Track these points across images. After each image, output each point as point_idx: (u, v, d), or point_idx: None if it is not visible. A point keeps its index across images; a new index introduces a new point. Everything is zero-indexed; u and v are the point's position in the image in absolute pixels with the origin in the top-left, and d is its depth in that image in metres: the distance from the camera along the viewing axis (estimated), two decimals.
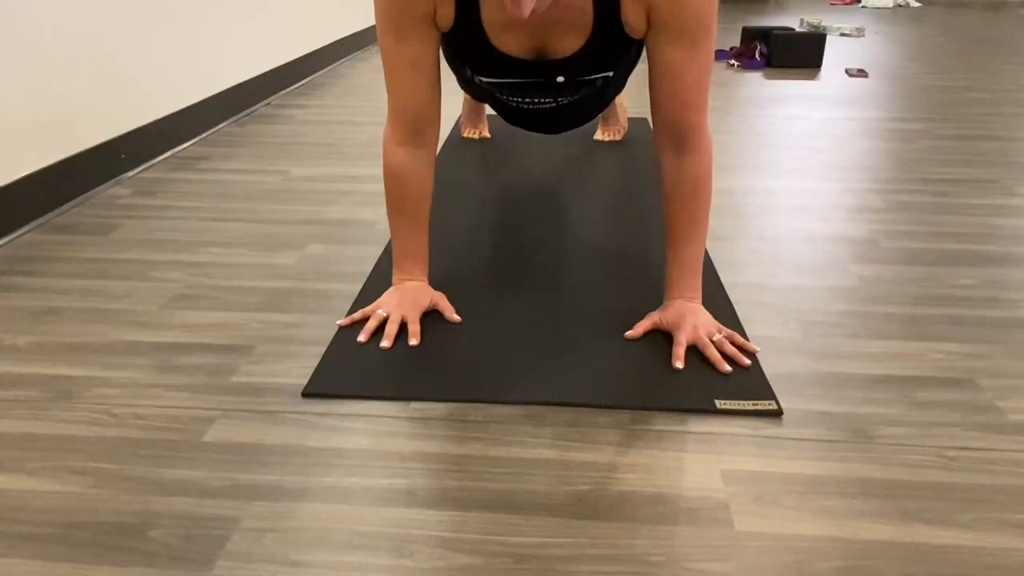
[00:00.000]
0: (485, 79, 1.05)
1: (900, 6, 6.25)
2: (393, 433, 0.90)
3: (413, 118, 1.04)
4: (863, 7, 6.23)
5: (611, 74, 1.05)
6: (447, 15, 0.94)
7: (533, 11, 0.79)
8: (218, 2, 2.27)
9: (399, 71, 1.00)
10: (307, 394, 0.97)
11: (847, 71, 3.21)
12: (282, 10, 2.76)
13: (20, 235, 1.48)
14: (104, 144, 1.73)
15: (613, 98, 1.40)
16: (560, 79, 1.03)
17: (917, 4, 6.36)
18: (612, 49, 0.98)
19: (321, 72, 3.17)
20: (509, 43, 0.97)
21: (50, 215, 1.57)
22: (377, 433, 0.90)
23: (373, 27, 3.85)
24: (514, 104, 1.13)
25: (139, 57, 1.88)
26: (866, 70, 3.22)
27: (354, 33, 3.58)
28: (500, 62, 0.99)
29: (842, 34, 4.44)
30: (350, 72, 3.23)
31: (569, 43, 0.96)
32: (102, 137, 1.73)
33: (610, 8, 0.91)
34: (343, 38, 3.43)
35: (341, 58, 3.45)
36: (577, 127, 1.49)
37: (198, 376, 1.02)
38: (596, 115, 1.41)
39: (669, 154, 1.03)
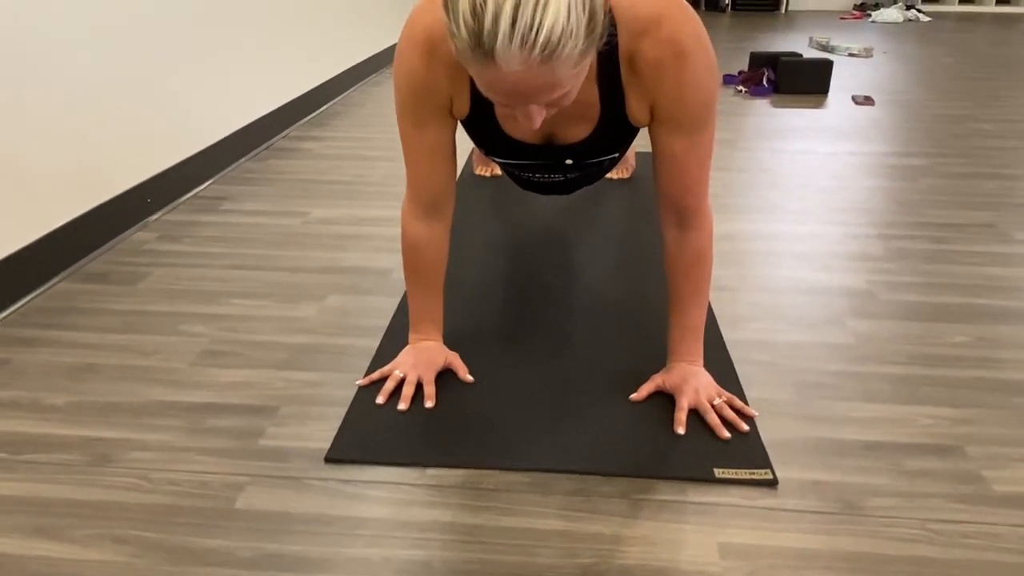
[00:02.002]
0: (498, 159, 1.12)
1: (910, 20, 6.27)
2: (411, 501, 0.96)
3: (431, 196, 1.11)
4: (873, 22, 6.26)
5: (617, 155, 1.12)
6: (463, 106, 1.00)
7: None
8: (235, 41, 2.34)
9: (418, 155, 1.06)
10: (330, 459, 1.04)
11: (854, 98, 3.26)
12: (297, 44, 2.83)
13: (54, 284, 1.55)
14: (131, 190, 1.81)
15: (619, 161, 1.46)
16: (569, 161, 1.10)
17: (927, 19, 6.38)
18: (618, 135, 1.04)
19: (336, 100, 3.24)
20: (520, 131, 1.03)
21: (81, 263, 1.64)
22: (396, 501, 0.96)
23: (384, 52, 3.93)
24: (525, 176, 1.19)
25: (161, 102, 1.95)
26: (872, 97, 3.26)
27: (366, 59, 3.65)
28: (512, 147, 1.05)
29: (850, 54, 4.47)
30: (364, 99, 3.30)
31: (577, 131, 1.02)
32: (129, 183, 1.81)
33: (615, 102, 0.97)
34: (355, 65, 3.50)
35: (356, 83, 3.52)
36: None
37: (227, 439, 1.08)
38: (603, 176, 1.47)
39: (672, 229, 1.09)
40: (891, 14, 6.29)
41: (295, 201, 2.04)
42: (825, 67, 3.39)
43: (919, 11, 6.51)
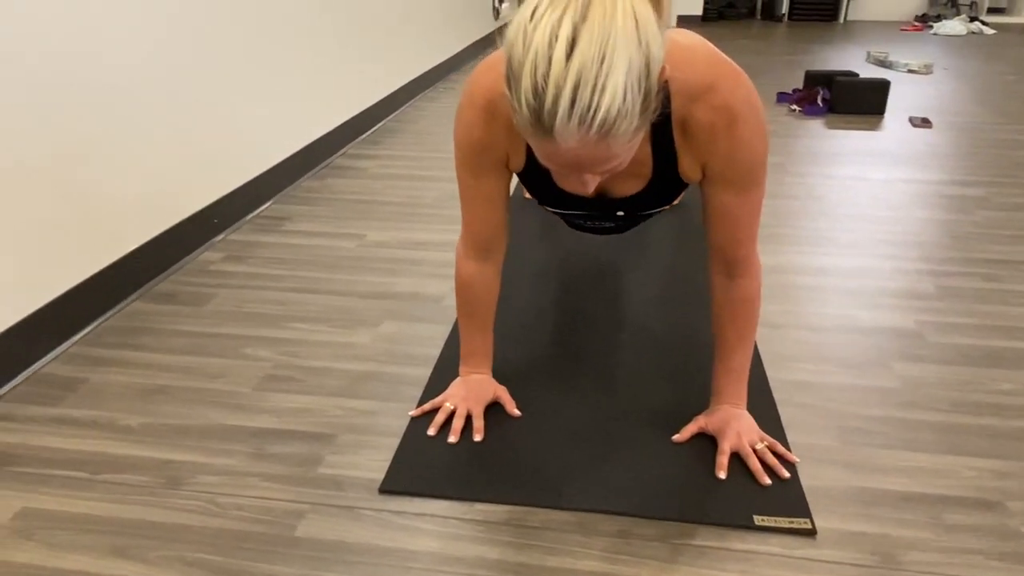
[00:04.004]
0: (550, 208, 1.16)
1: (973, 33, 6.12)
2: (459, 536, 1.01)
3: (484, 239, 1.15)
4: (934, 34, 6.13)
5: (668, 207, 1.15)
6: (518, 162, 1.05)
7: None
8: (295, 63, 2.43)
9: (474, 203, 1.11)
10: (384, 491, 1.09)
11: (911, 120, 3.21)
12: (354, 62, 2.91)
13: (127, 304, 1.64)
14: (199, 212, 1.90)
15: None
16: (620, 213, 1.13)
17: (991, 31, 6.22)
18: (669, 191, 1.07)
19: (391, 117, 3.32)
20: (573, 187, 1.07)
21: (152, 283, 1.73)
22: (445, 535, 1.01)
23: (436, 68, 4.00)
24: (577, 222, 1.23)
25: (225, 125, 2.04)
26: (930, 120, 3.21)
27: (419, 75, 3.73)
28: (565, 199, 1.09)
29: (909, 70, 4.40)
30: (418, 116, 3.37)
31: (629, 187, 1.06)
32: (198, 206, 1.90)
33: (668, 161, 1.00)
34: (409, 81, 3.58)
35: (410, 99, 3.60)
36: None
37: (289, 466, 1.15)
38: None
39: (720, 276, 1.12)
40: (953, 26, 6.14)
41: (351, 223, 2.11)
42: (882, 87, 3.35)
43: (983, 23, 6.35)
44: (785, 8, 7.10)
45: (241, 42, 2.07)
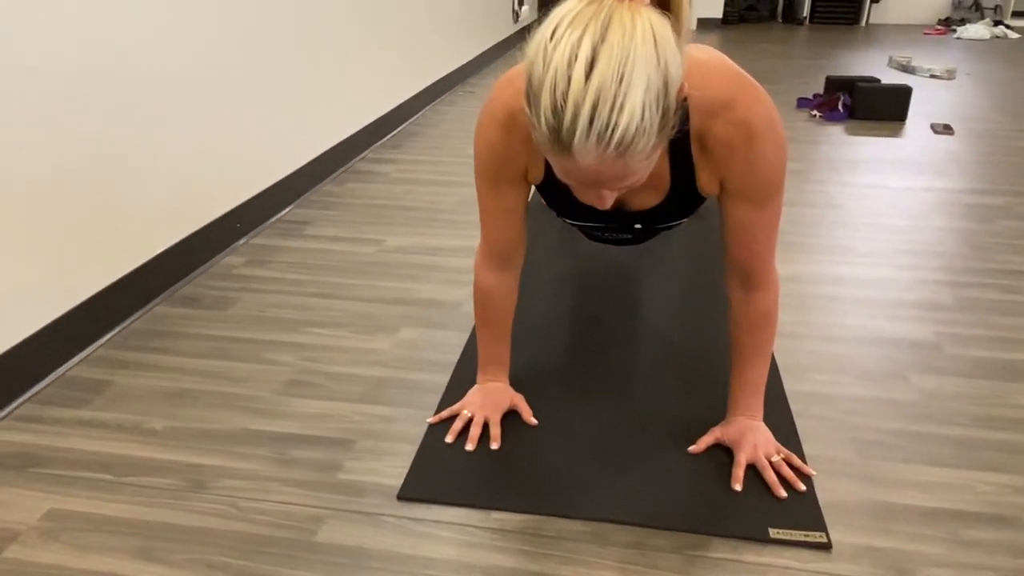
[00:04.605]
0: (568, 220, 1.17)
1: (997, 37, 6.06)
2: (476, 544, 1.03)
3: (502, 250, 1.17)
4: (958, 38, 6.07)
5: (685, 220, 1.16)
6: (537, 174, 1.06)
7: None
8: (317, 67, 2.46)
9: (492, 214, 1.13)
10: (402, 497, 1.11)
11: (932, 127, 3.19)
12: (374, 67, 2.94)
13: (152, 307, 1.67)
14: (223, 217, 1.93)
15: None
16: (638, 226, 1.14)
17: (1015, 35, 6.15)
18: (687, 204, 1.08)
19: (411, 120, 3.34)
20: (591, 200, 1.08)
21: (176, 286, 1.76)
22: (462, 543, 1.03)
23: (456, 71, 4.02)
24: (595, 234, 1.24)
25: (249, 131, 2.07)
26: (952, 126, 3.19)
27: (440, 79, 3.75)
28: (583, 210, 1.10)
29: (932, 75, 4.36)
30: (439, 120, 3.39)
31: (647, 200, 1.07)
32: (221, 211, 1.93)
33: (685, 175, 1.01)
34: (430, 85, 3.60)
35: (430, 102, 3.62)
36: None
37: (310, 471, 1.17)
38: None
39: (737, 289, 1.12)
40: (977, 30, 6.08)
41: (371, 228, 2.13)
42: (903, 93, 3.32)
43: (1007, 27, 6.28)
44: (806, 11, 7.05)
45: (266, 49, 2.10)
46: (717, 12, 6.96)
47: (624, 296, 1.71)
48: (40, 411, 1.32)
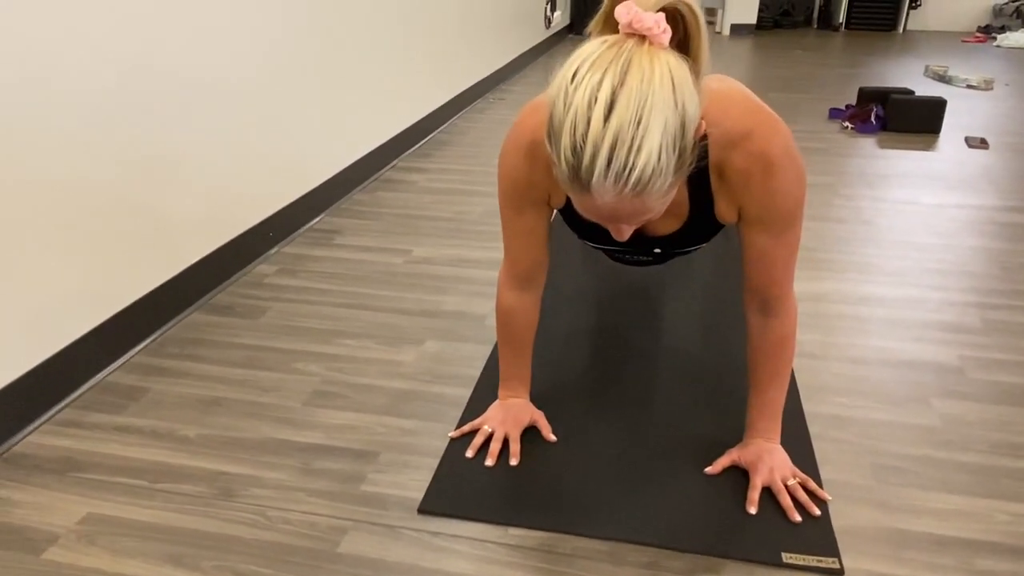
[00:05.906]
0: (590, 243, 1.20)
1: None
2: (493, 560, 1.05)
3: (524, 271, 1.20)
4: (998, 46, 5.96)
5: (705, 245, 1.18)
6: (559, 200, 1.09)
7: None
8: (348, 78, 2.51)
9: (515, 236, 1.15)
10: (423, 511, 1.14)
11: (967, 141, 3.15)
12: (405, 75, 2.98)
13: (187, 315, 1.73)
14: (256, 226, 1.98)
15: None
16: (657, 250, 1.16)
17: None
18: (705, 231, 1.10)
19: (441, 128, 3.38)
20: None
21: (210, 295, 1.82)
22: (480, 558, 1.06)
23: (488, 78, 4.06)
24: (616, 256, 1.27)
25: (283, 141, 2.12)
26: (987, 140, 3.15)
27: (469, 87, 3.78)
28: (603, 235, 1.13)
29: (969, 86, 4.30)
30: (468, 127, 3.43)
31: (666, 227, 1.09)
32: (255, 220, 1.98)
33: (704, 203, 1.03)
34: (460, 93, 3.63)
35: (460, 111, 3.66)
36: None
37: (334, 482, 1.21)
38: None
39: (756, 315, 1.14)
40: (1018, 38, 5.96)
41: (399, 238, 2.17)
42: (938, 106, 3.28)
43: None
44: (842, 17, 6.97)
45: (300, 60, 2.15)
46: (752, 18, 6.91)
47: (644, 314, 1.73)
48: (80, 416, 1.38)
